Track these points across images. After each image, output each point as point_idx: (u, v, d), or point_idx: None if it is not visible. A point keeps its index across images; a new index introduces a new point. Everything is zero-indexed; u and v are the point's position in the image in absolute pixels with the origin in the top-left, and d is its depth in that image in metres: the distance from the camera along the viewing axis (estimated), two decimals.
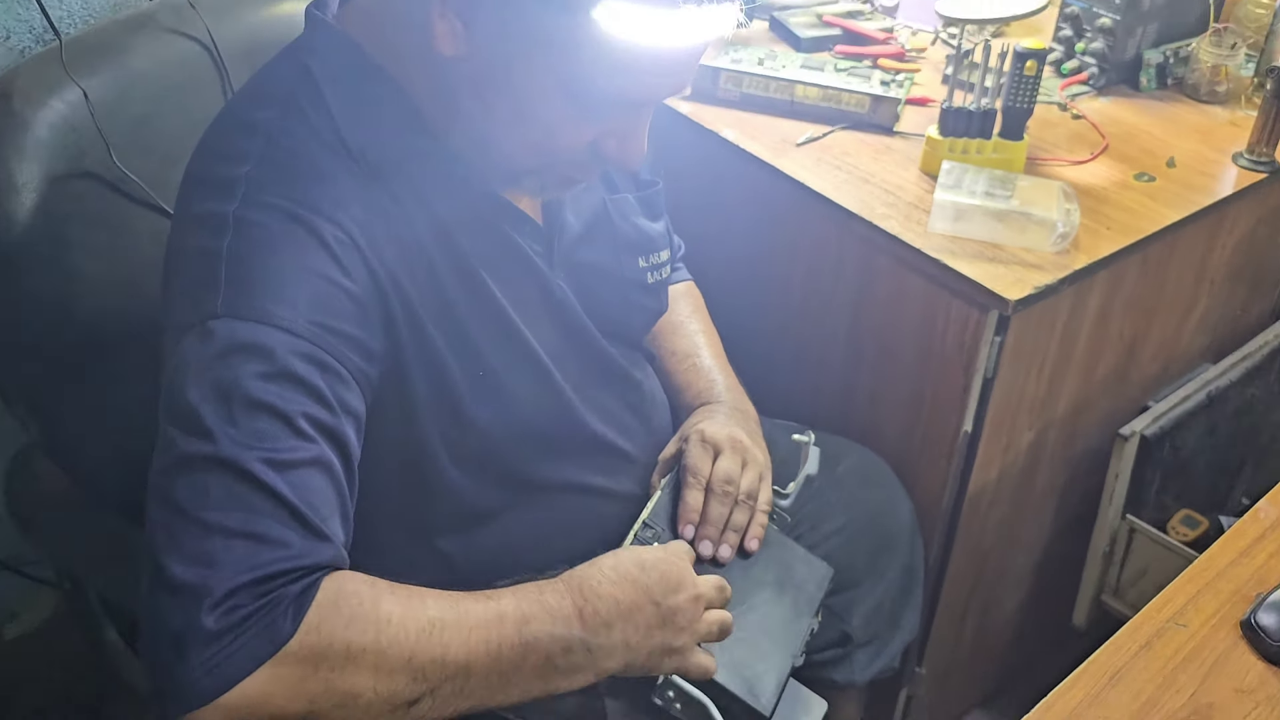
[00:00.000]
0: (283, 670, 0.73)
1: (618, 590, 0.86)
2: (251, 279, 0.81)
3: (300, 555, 0.75)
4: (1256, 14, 1.57)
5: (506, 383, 0.96)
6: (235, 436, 0.76)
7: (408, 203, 0.90)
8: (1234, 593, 0.96)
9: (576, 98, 0.85)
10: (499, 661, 0.80)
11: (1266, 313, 1.70)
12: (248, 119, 0.90)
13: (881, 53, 1.55)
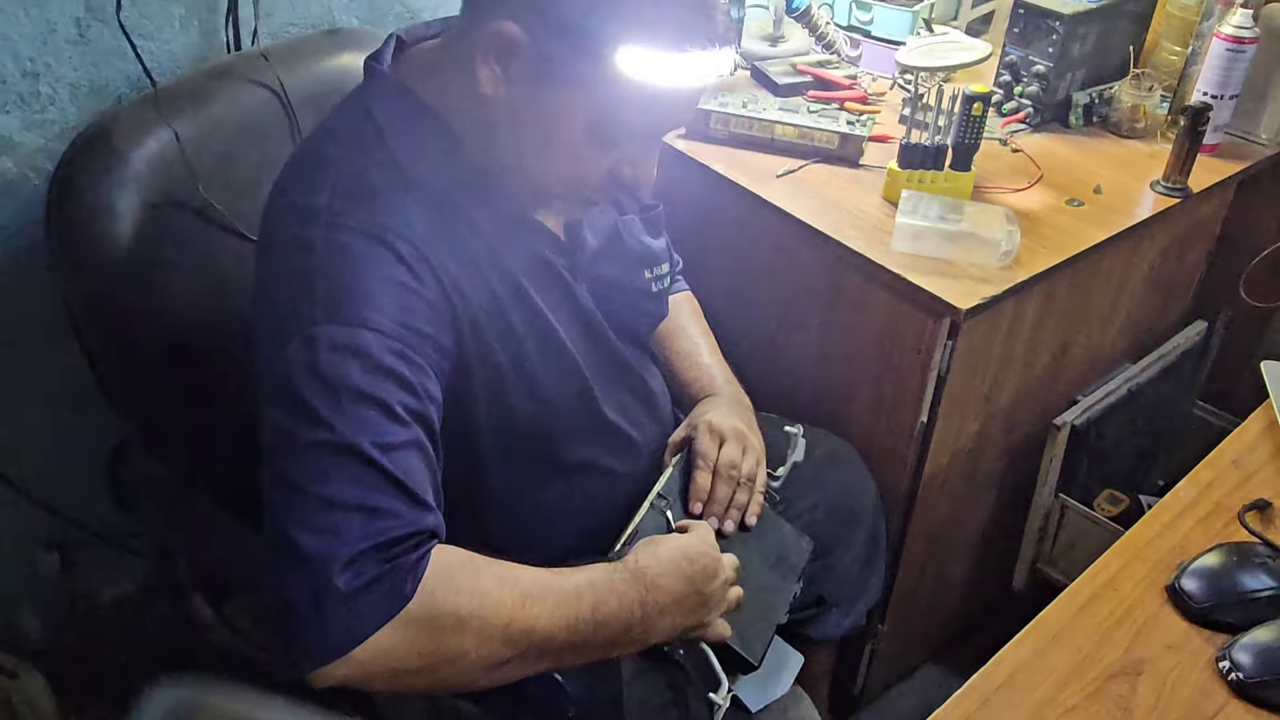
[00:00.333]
0: (404, 629, 0.74)
1: (673, 583, 0.88)
2: (343, 291, 0.81)
3: (410, 523, 0.77)
4: (1170, 60, 1.57)
5: (543, 377, 0.97)
6: (347, 424, 0.77)
7: (459, 224, 0.90)
8: (1159, 561, 0.97)
9: (598, 131, 0.86)
10: (575, 635, 0.82)
11: (1179, 318, 1.71)
12: (321, 156, 0.91)
13: (847, 97, 1.55)
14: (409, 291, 0.84)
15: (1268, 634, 0.87)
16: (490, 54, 0.84)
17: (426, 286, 0.85)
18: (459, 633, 0.77)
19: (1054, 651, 0.89)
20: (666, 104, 0.87)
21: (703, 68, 0.84)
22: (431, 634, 0.76)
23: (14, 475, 1.32)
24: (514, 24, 0.82)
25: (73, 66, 1.19)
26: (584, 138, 0.87)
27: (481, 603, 0.78)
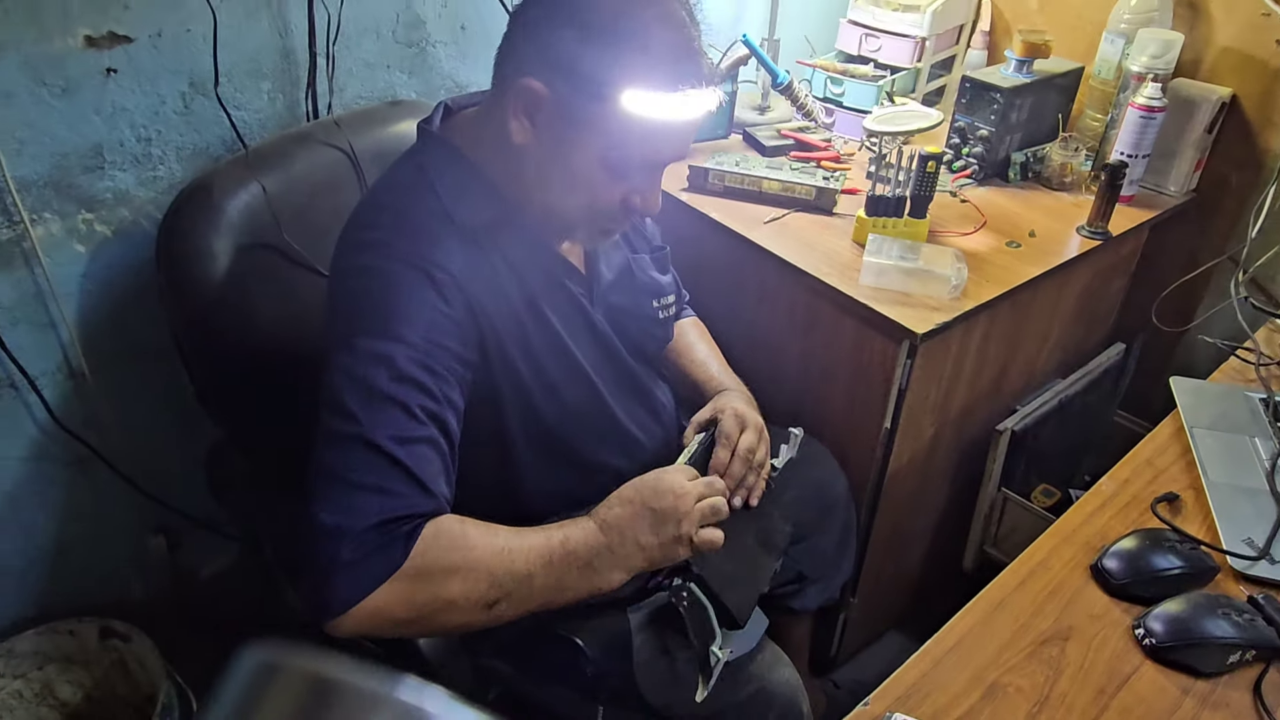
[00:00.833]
0: (397, 586, 0.75)
1: (621, 508, 0.86)
2: (384, 310, 0.83)
3: (414, 505, 0.78)
4: (1093, 126, 1.58)
5: (563, 389, 0.97)
6: (371, 421, 0.79)
7: (493, 256, 0.91)
8: (1084, 544, 0.97)
9: (610, 165, 0.87)
10: (551, 568, 0.81)
11: (1101, 341, 1.70)
12: (380, 201, 0.93)
13: (823, 156, 1.56)
14: (439, 314, 0.85)
15: (1176, 606, 0.87)
16: (519, 107, 0.86)
17: (455, 309, 0.86)
18: (447, 582, 0.78)
19: (996, 620, 0.89)
20: (665, 136, 0.87)
21: (693, 104, 0.85)
22: (422, 587, 0.77)
23: (129, 471, 1.33)
24: (536, 80, 0.84)
25: (179, 133, 1.21)
26: (599, 171, 0.88)
27: (465, 556, 0.79)
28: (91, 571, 1.38)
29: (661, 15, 0.84)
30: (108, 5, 1.09)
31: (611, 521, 0.85)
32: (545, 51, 0.84)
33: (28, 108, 1.08)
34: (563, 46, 0.83)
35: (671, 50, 0.84)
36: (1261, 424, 1.14)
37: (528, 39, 0.87)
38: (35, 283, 1.17)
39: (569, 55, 0.83)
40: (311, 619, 0.75)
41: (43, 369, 1.22)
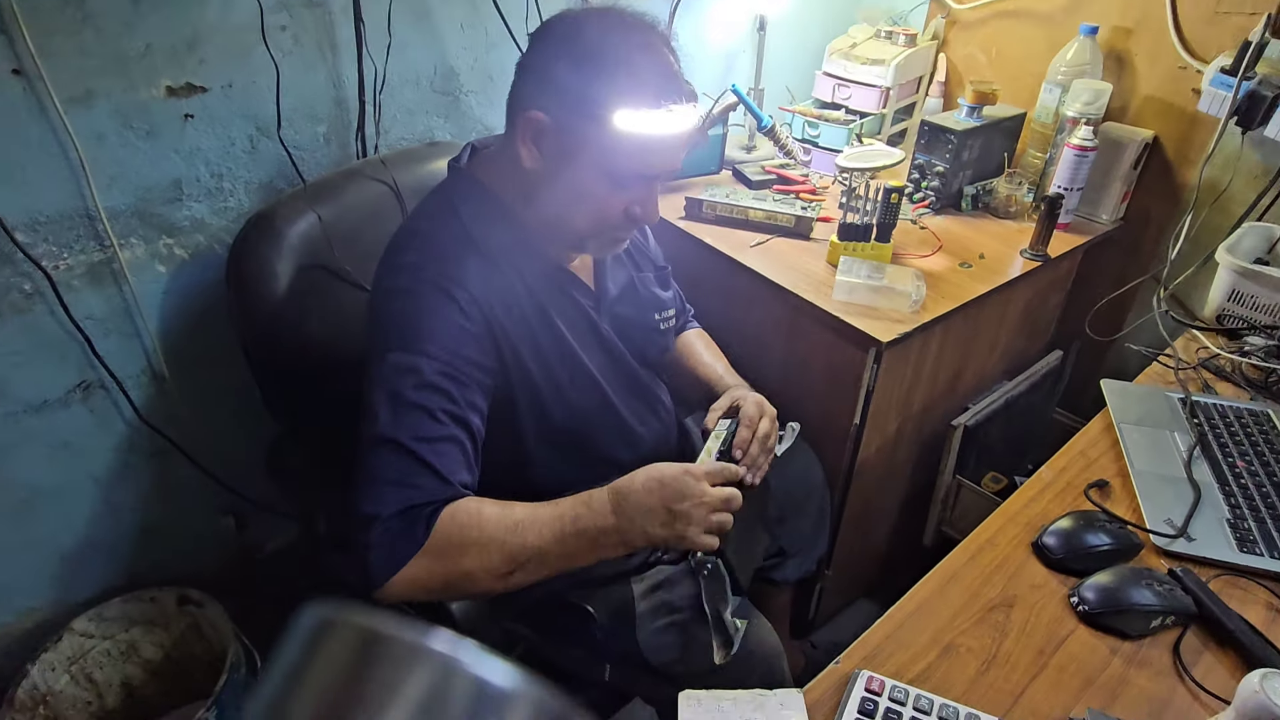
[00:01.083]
0: (423, 561, 0.77)
1: (641, 497, 0.82)
2: (411, 327, 0.84)
3: (434, 494, 0.79)
4: (1034, 163, 1.58)
5: (570, 389, 0.97)
6: (399, 424, 0.80)
7: (510, 275, 0.91)
8: (1027, 524, 0.96)
9: (611, 178, 0.87)
10: (562, 544, 0.81)
11: (1042, 348, 1.70)
12: (414, 229, 0.93)
13: (801, 189, 1.57)
14: (460, 328, 0.85)
15: (1105, 577, 0.87)
16: (527, 136, 0.86)
17: (474, 323, 0.86)
18: (463, 556, 0.79)
19: (951, 589, 0.89)
20: (656, 149, 0.87)
21: (677, 118, 0.85)
22: (444, 561, 0.78)
23: (203, 461, 1.34)
24: (539, 111, 0.84)
25: (246, 169, 1.21)
26: (601, 185, 0.87)
27: (479, 533, 0.79)
28: (171, 547, 1.39)
29: (642, 44, 0.84)
30: (185, 60, 1.10)
31: (627, 508, 0.82)
32: (544, 85, 0.85)
33: (116, 148, 1.09)
34: (559, 78, 0.83)
35: (654, 73, 0.84)
36: (1180, 420, 1.14)
37: (529, 78, 0.87)
38: (123, 298, 1.18)
39: (564, 85, 0.83)
40: (360, 591, 0.77)
41: (129, 373, 1.23)
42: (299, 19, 1.17)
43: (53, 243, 1.09)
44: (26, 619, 1.28)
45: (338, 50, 1.22)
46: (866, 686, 0.74)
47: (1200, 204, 1.49)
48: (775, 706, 0.72)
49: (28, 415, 1.16)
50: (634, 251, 1.10)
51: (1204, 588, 0.87)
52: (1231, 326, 1.34)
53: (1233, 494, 1.00)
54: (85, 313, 1.15)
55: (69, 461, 1.23)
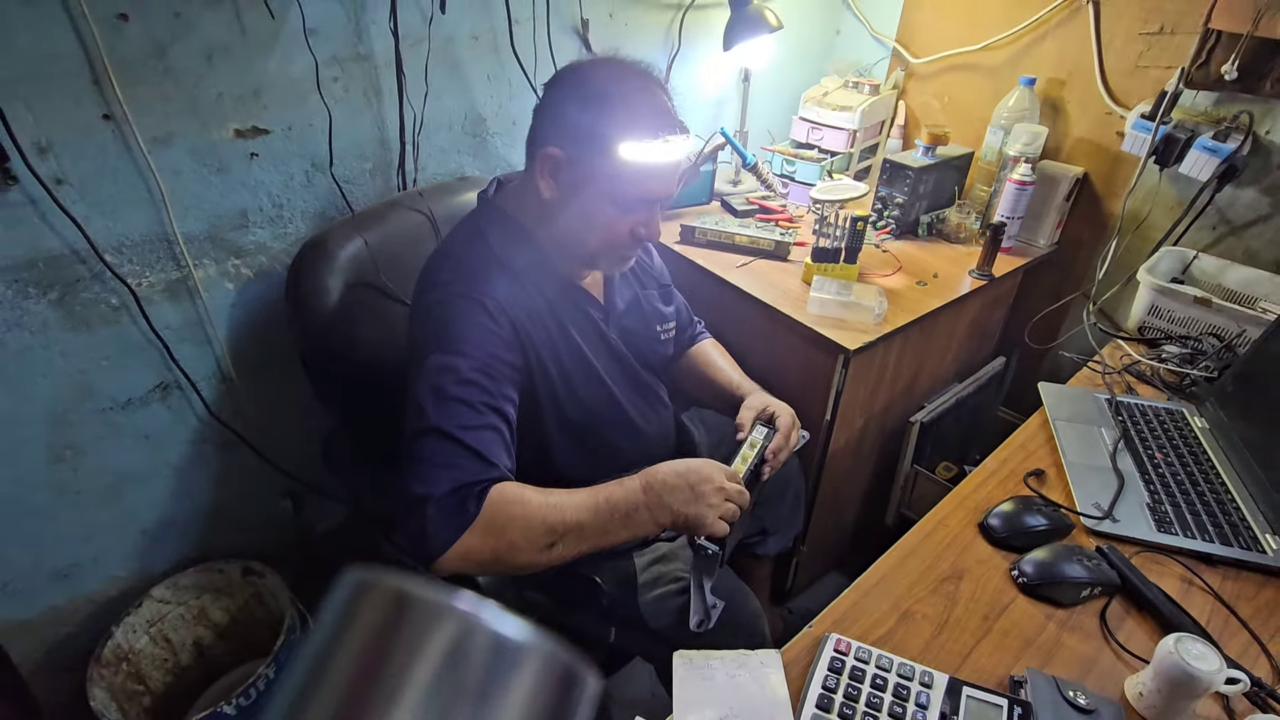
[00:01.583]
0: (473, 536, 0.76)
1: (669, 477, 0.83)
2: (448, 332, 0.83)
3: (478, 474, 0.78)
4: (981, 195, 1.58)
5: (582, 389, 0.96)
6: (441, 415, 0.79)
7: (531, 290, 0.91)
8: (974, 507, 0.96)
9: (617, 203, 0.87)
10: (598, 518, 0.81)
11: (988, 355, 1.70)
12: (447, 252, 0.93)
13: (780, 218, 1.57)
14: (490, 331, 0.85)
15: (1042, 554, 0.87)
16: (544, 171, 0.86)
17: (503, 329, 0.86)
18: (509, 530, 0.78)
19: (908, 564, 0.89)
20: (655, 175, 0.86)
21: (673, 148, 0.85)
22: (492, 535, 0.77)
23: (265, 451, 1.34)
24: (554, 147, 0.84)
25: (303, 200, 1.22)
26: (609, 209, 0.87)
27: (522, 510, 0.79)
28: (237, 525, 1.39)
29: (640, 86, 0.85)
30: (251, 106, 1.10)
31: (655, 486, 0.82)
32: (558, 124, 0.85)
33: (192, 182, 1.10)
34: (570, 118, 0.84)
35: (651, 110, 0.84)
36: (1106, 418, 1.14)
37: (545, 120, 0.87)
38: (196, 311, 1.18)
39: (575, 124, 0.83)
40: (420, 565, 0.77)
41: (202, 375, 1.23)
42: (349, 71, 1.17)
43: (136, 263, 1.10)
44: (112, 587, 1.29)
45: (381, 98, 1.22)
46: (835, 648, 0.74)
47: (1124, 231, 1.49)
48: (757, 664, 0.72)
49: (115, 411, 1.17)
50: (639, 271, 1.10)
51: (1127, 563, 0.87)
52: (1151, 337, 1.34)
53: (1152, 482, 1.00)
54: (164, 323, 1.15)
55: (150, 451, 1.23)
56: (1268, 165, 1.32)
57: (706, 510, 0.83)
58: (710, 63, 1.67)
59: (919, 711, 0.68)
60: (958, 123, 1.68)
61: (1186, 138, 1.34)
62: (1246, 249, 1.39)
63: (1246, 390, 1.10)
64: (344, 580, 0.21)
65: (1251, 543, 0.91)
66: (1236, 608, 0.84)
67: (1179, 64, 1.33)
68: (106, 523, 1.23)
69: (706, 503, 0.83)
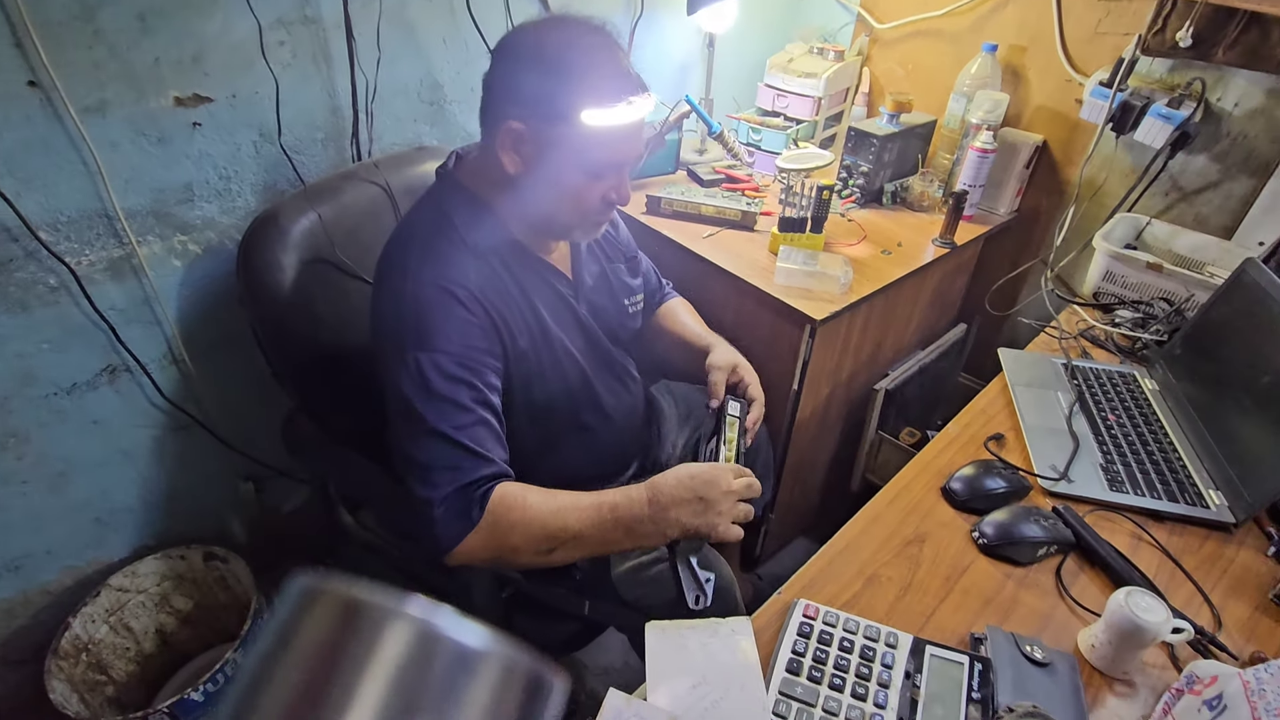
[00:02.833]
0: (477, 537, 0.78)
1: (676, 490, 0.81)
2: (425, 328, 0.81)
3: (477, 471, 0.79)
4: (944, 163, 1.59)
5: (552, 367, 0.95)
6: (437, 416, 0.79)
7: (500, 270, 0.89)
8: (937, 472, 0.98)
9: (585, 170, 0.84)
10: (599, 529, 0.81)
11: (950, 322, 1.72)
12: (411, 233, 0.90)
13: (746, 187, 1.56)
14: (466, 323, 0.83)
15: (1001, 515, 0.89)
16: (506, 145, 0.83)
17: (478, 317, 0.84)
18: (511, 535, 0.79)
19: (873, 529, 0.90)
20: (622, 138, 0.84)
21: (636, 108, 0.82)
22: (494, 538, 0.79)
23: (223, 433, 1.30)
24: (515, 120, 0.81)
25: (252, 172, 1.16)
26: (579, 178, 0.85)
27: (523, 516, 0.79)
28: (198, 510, 1.35)
29: (596, 45, 0.81)
30: (191, 73, 1.04)
31: (661, 499, 0.81)
32: (516, 96, 0.82)
33: (130, 154, 1.04)
34: (528, 89, 0.80)
35: (611, 71, 0.81)
36: (1062, 381, 1.17)
37: (500, 91, 0.83)
38: (143, 290, 1.13)
39: (534, 94, 0.80)
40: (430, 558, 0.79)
41: (152, 357, 1.18)
42: (296, 35, 1.12)
43: (75, 240, 1.04)
44: (67, 577, 1.24)
45: (331, 63, 1.17)
46: (804, 613, 0.76)
47: (1081, 198, 1.52)
48: (728, 632, 0.73)
49: (59, 397, 1.11)
50: (606, 244, 1.08)
51: (1081, 521, 0.90)
52: (1106, 302, 1.37)
53: (1105, 443, 1.04)
54: (108, 304, 1.10)
55: (100, 437, 1.18)
56: (1218, 132, 1.35)
57: (717, 519, 0.81)
58: (674, 27, 1.63)
59: (885, 671, 0.70)
60: (921, 90, 1.67)
61: (1142, 105, 1.36)
62: (1197, 215, 1.43)
63: (1193, 352, 1.14)
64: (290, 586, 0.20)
65: (1196, 499, 0.94)
66: (1182, 561, 0.87)
67: (1136, 30, 1.34)
68: (57, 512, 1.19)
69: (717, 511, 0.81)
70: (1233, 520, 0.92)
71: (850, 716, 0.66)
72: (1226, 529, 0.92)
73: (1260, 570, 0.87)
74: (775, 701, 0.67)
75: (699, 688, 0.67)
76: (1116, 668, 0.74)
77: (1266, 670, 0.60)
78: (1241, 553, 0.89)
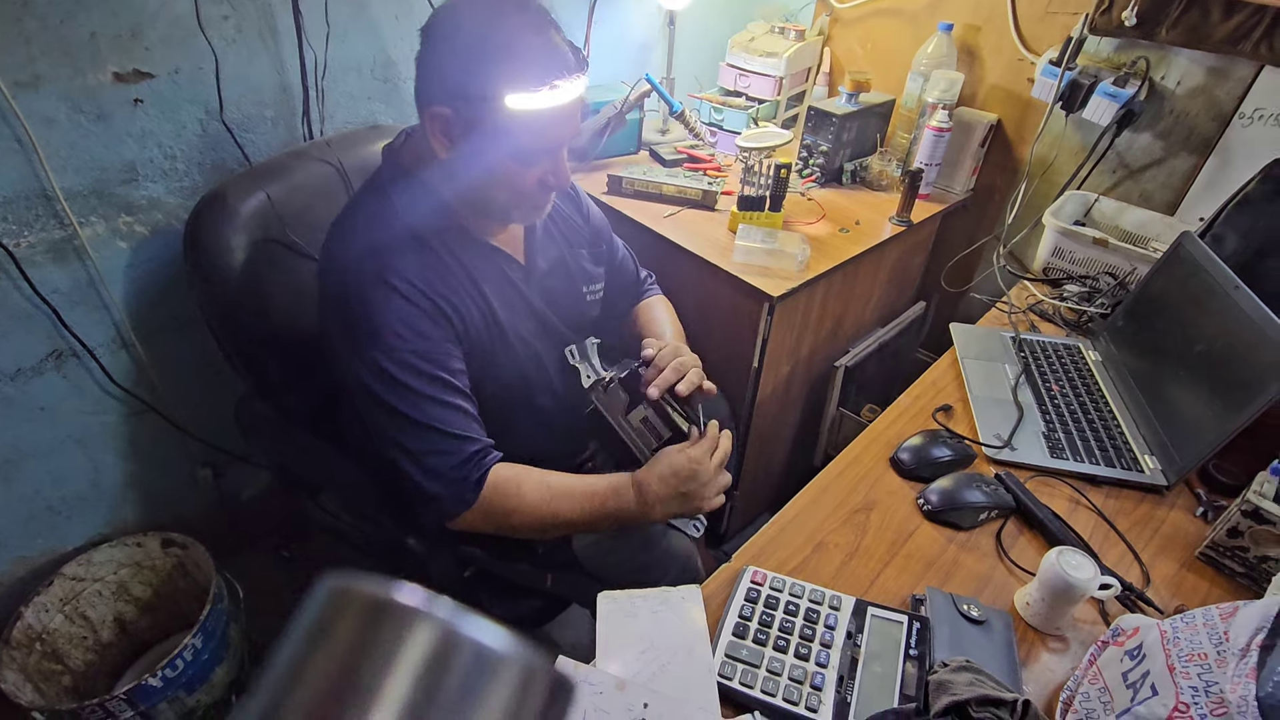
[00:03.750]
0: (474, 514, 0.84)
1: (660, 489, 0.87)
2: (374, 326, 0.81)
3: (462, 451, 0.84)
4: (902, 142, 1.60)
5: (502, 351, 0.94)
6: (411, 407, 0.82)
7: (442, 253, 0.87)
8: (886, 443, 1.00)
9: (517, 154, 0.82)
10: (589, 517, 0.86)
11: (908, 300, 1.75)
12: (352, 221, 0.89)
13: (707, 167, 1.56)
14: (411, 315, 0.83)
15: (946, 482, 0.91)
16: (435, 130, 0.81)
17: (421, 306, 0.84)
18: (508, 518, 0.85)
19: (823, 498, 0.92)
20: (551, 123, 0.81)
21: (565, 93, 0.79)
22: (490, 518, 0.85)
23: (176, 418, 1.28)
24: (440, 105, 0.79)
25: (198, 151, 1.14)
26: (510, 163, 0.83)
27: (518, 503, 0.84)
28: (155, 496, 1.33)
29: (520, 25, 0.77)
30: (131, 48, 1.01)
31: (648, 497, 0.86)
32: (441, 80, 0.79)
33: (68, 131, 1.01)
34: (451, 73, 0.78)
35: (536, 52, 0.77)
36: (1010, 354, 1.20)
37: (425, 75, 0.81)
38: (87, 273, 1.10)
39: (456, 80, 0.78)
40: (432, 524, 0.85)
41: (99, 341, 1.16)
42: (240, 9, 1.09)
43: (12, 221, 1.01)
44: (19, 567, 1.22)
45: (279, 39, 1.14)
46: (752, 579, 0.78)
47: (1032, 176, 1.55)
48: (678, 600, 0.75)
49: (3, 382, 1.09)
50: (568, 230, 1.06)
51: (1021, 487, 0.93)
52: (1054, 278, 1.41)
53: (1048, 412, 1.07)
54: (51, 287, 1.07)
55: (48, 424, 1.16)
56: (1161, 110, 1.39)
57: (702, 503, 0.89)
58: (634, 4, 1.62)
59: (827, 632, 0.72)
60: (880, 69, 1.69)
61: (1090, 83, 1.38)
62: (1142, 192, 1.47)
63: (1133, 324, 1.17)
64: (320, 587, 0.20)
65: (1132, 463, 0.98)
66: (1116, 522, 0.91)
67: (1084, 10, 1.37)
68: (6, 501, 1.17)
69: (701, 497, 0.88)
70: (1165, 483, 0.95)
71: (793, 675, 0.68)
72: (1159, 491, 0.96)
73: (1189, 530, 0.91)
74: (721, 664, 0.69)
75: (647, 653, 0.69)
76: (1050, 624, 0.77)
77: (1182, 620, 0.64)
78: (1173, 514, 0.93)
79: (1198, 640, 0.61)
